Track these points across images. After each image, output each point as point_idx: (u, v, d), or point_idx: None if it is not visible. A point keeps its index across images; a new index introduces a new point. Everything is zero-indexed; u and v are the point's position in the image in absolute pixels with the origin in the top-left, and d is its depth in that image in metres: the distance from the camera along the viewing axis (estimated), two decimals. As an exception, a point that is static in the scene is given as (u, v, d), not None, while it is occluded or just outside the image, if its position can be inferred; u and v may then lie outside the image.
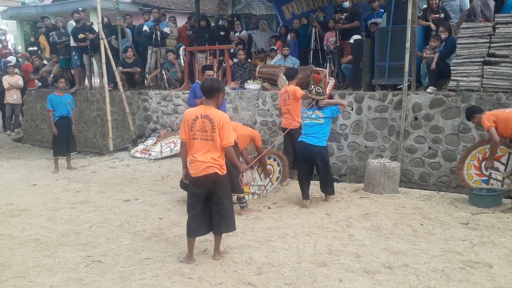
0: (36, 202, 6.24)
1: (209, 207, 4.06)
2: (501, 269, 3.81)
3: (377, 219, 5.16)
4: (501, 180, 5.53)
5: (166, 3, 17.16)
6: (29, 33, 18.24)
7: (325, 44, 8.95)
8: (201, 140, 3.91)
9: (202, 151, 3.91)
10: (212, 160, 3.92)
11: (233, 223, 4.17)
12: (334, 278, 3.69)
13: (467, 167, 5.73)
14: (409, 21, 6.64)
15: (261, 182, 6.24)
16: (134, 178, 7.62)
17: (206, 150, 3.91)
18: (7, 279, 3.82)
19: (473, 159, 5.65)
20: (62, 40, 11.06)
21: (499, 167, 5.52)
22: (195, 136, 3.92)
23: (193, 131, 3.92)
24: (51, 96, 8.52)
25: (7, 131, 12.69)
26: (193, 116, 3.93)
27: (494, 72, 6.24)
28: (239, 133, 5.74)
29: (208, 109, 3.95)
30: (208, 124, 3.89)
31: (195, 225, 4.02)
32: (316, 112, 5.69)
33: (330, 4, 10.71)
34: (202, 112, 3.93)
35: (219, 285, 3.63)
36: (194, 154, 3.94)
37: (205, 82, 4.05)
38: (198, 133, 3.91)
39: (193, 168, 3.95)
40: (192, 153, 3.96)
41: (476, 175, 5.68)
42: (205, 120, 3.90)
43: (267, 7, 12.33)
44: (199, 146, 3.92)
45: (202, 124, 3.90)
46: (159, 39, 10.23)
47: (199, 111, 3.95)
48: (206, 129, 3.90)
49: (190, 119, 3.94)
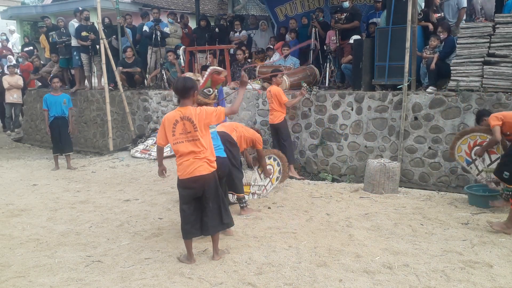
0: (36, 202, 6.24)
1: (200, 208, 4.04)
2: (501, 269, 3.81)
3: (377, 219, 5.16)
4: (479, 171, 5.51)
5: (166, 3, 17.17)
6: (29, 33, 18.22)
7: (327, 43, 8.94)
8: (186, 142, 3.88)
9: (188, 152, 3.89)
10: (200, 158, 3.90)
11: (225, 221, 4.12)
12: (334, 278, 3.69)
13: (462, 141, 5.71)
14: (409, 21, 6.64)
15: (261, 182, 6.24)
16: (134, 178, 7.62)
17: (191, 150, 3.89)
18: (7, 279, 3.82)
19: (464, 143, 5.64)
20: (62, 40, 11.07)
21: (486, 159, 5.51)
22: (179, 140, 3.88)
23: (176, 135, 3.87)
24: (46, 96, 8.54)
25: (7, 131, 12.69)
26: (173, 121, 3.88)
27: (494, 72, 6.24)
28: (239, 133, 5.70)
29: (185, 110, 3.90)
30: (189, 125, 3.87)
31: (187, 227, 4.01)
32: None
33: (326, 6, 10.73)
34: (180, 115, 3.88)
35: (219, 285, 3.63)
36: (182, 157, 3.91)
37: (178, 82, 3.96)
38: (181, 136, 3.88)
39: (182, 170, 3.92)
40: (179, 156, 3.93)
41: (465, 152, 5.64)
42: (186, 121, 3.87)
43: (262, 9, 12.37)
44: (185, 148, 3.88)
45: (183, 126, 3.87)
46: (159, 39, 10.24)
47: (177, 114, 3.89)
48: (188, 130, 3.87)
49: (170, 125, 3.88)
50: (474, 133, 5.62)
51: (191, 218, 4.01)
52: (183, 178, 3.95)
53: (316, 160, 7.70)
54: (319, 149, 7.66)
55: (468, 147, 5.63)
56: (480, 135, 5.54)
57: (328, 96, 7.56)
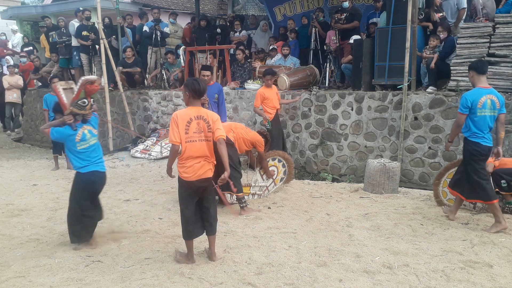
0: (36, 202, 6.24)
1: (200, 209, 4.05)
2: (501, 269, 3.81)
3: (377, 219, 5.16)
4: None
5: (166, 3, 17.17)
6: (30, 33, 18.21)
7: (327, 43, 8.94)
8: (199, 142, 3.87)
9: (199, 153, 3.88)
10: (208, 161, 3.94)
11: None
12: (334, 278, 3.69)
13: (443, 184, 5.58)
14: (409, 21, 6.64)
15: (263, 183, 6.24)
16: (134, 178, 7.62)
17: (203, 151, 3.89)
18: (7, 279, 3.82)
19: (449, 177, 5.39)
20: (62, 40, 11.07)
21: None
22: (192, 139, 3.85)
23: (189, 133, 3.84)
24: (46, 96, 8.56)
25: (7, 131, 12.69)
26: (187, 118, 3.83)
27: (494, 72, 6.24)
28: (237, 135, 5.68)
29: (200, 109, 3.91)
30: (203, 125, 3.87)
31: (191, 228, 4.01)
32: (88, 129, 4.48)
33: (326, 6, 10.73)
34: (195, 114, 3.87)
35: (219, 285, 3.63)
36: (192, 157, 3.88)
37: (198, 83, 3.89)
38: (195, 135, 3.85)
39: (192, 172, 3.89)
40: (188, 156, 3.87)
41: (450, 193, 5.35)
42: (200, 121, 3.86)
43: (260, 8, 12.36)
44: (197, 148, 3.87)
45: (197, 126, 3.85)
46: (159, 39, 10.24)
47: (192, 113, 3.87)
48: (202, 129, 3.87)
49: (184, 122, 3.82)
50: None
51: (193, 219, 4.01)
52: (192, 180, 3.90)
53: (316, 160, 7.70)
54: (319, 149, 7.66)
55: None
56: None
57: (328, 96, 7.56)
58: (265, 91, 7.02)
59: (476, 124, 4.73)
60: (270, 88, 7.07)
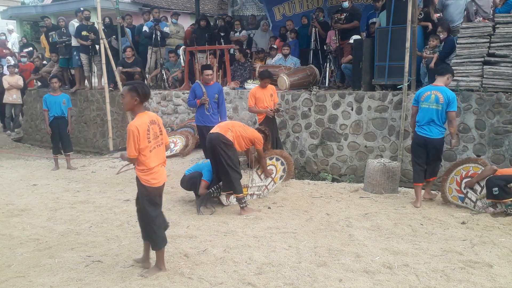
0: (36, 202, 6.24)
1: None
2: (501, 269, 3.81)
3: (377, 219, 5.16)
4: (474, 201, 5.40)
5: (166, 3, 17.18)
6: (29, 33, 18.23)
7: (328, 43, 8.94)
8: (158, 147, 3.79)
9: (161, 157, 3.84)
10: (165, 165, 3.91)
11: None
12: (334, 278, 3.69)
13: (450, 181, 5.64)
14: (409, 21, 6.64)
15: (261, 182, 6.23)
16: (134, 178, 7.57)
17: (163, 155, 3.86)
18: (7, 279, 3.82)
19: (457, 174, 5.57)
20: (62, 40, 11.06)
21: (477, 188, 5.39)
22: (155, 145, 3.75)
23: (151, 142, 3.72)
24: (46, 96, 8.56)
25: (7, 131, 12.69)
26: (145, 127, 3.65)
27: (494, 72, 6.24)
28: (236, 133, 5.60)
29: (148, 113, 3.77)
30: (156, 129, 3.78)
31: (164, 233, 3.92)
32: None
33: (325, 6, 10.73)
34: (148, 119, 3.71)
35: (219, 285, 3.63)
36: (156, 163, 3.79)
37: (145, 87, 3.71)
38: (154, 142, 3.75)
39: (159, 177, 3.83)
40: (152, 163, 3.76)
41: (456, 190, 5.56)
42: (154, 125, 3.75)
43: (259, 8, 12.36)
44: (159, 153, 3.81)
45: (153, 131, 3.74)
46: (159, 39, 10.24)
47: (146, 120, 3.69)
48: (157, 134, 3.79)
49: (145, 132, 3.64)
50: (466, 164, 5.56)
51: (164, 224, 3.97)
52: (159, 186, 3.86)
53: (316, 160, 7.70)
54: (319, 149, 7.66)
55: (460, 177, 5.55)
56: (474, 166, 5.48)
57: (328, 96, 7.56)
58: (257, 91, 7.05)
59: (419, 114, 5.52)
60: (263, 89, 7.06)
